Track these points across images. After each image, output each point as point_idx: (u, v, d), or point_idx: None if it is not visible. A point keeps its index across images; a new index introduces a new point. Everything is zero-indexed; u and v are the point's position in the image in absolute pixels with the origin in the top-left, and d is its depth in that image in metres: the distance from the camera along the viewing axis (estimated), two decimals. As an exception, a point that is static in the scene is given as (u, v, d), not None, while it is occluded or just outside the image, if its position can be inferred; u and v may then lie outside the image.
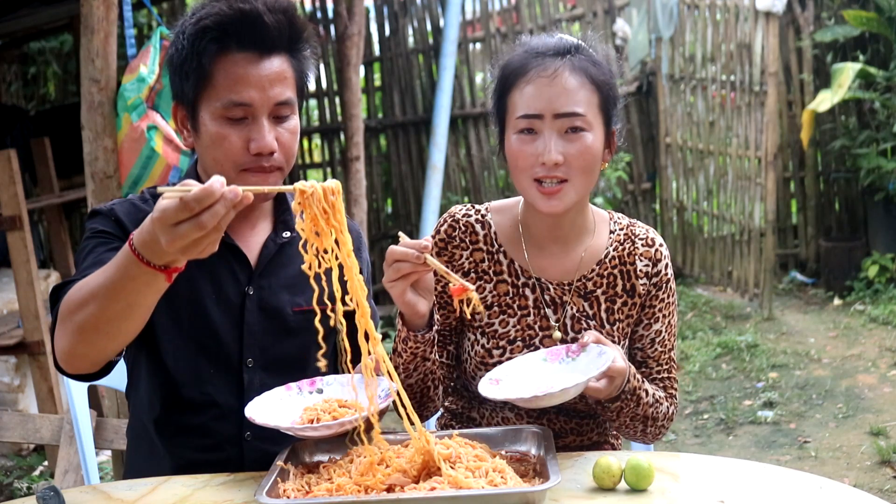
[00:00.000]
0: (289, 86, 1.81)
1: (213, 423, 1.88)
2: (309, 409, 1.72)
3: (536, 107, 1.79)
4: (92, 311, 1.51)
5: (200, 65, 1.76)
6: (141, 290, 1.47)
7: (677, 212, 7.18)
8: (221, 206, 1.34)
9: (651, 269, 1.92)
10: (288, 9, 1.81)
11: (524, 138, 1.80)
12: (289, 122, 1.83)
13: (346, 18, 5.65)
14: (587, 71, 1.81)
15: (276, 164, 1.81)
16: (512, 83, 1.84)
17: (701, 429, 4.46)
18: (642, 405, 1.81)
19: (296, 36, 1.82)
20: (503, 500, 1.46)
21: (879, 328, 5.65)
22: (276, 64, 1.80)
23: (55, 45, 7.47)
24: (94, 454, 2.25)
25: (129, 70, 3.27)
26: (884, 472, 3.80)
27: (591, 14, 7.18)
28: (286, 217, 1.94)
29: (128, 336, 1.59)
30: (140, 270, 1.43)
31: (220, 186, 1.33)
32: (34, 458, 4.35)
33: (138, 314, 1.54)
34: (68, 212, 6.41)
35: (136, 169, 3.24)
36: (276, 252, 1.92)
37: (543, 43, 1.85)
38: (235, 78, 1.77)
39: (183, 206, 1.32)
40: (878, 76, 6.20)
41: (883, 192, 6.27)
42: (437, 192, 6.64)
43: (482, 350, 1.88)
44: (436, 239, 1.93)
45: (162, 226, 1.35)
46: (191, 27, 1.79)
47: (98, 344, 1.58)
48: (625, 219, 1.98)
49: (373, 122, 7.12)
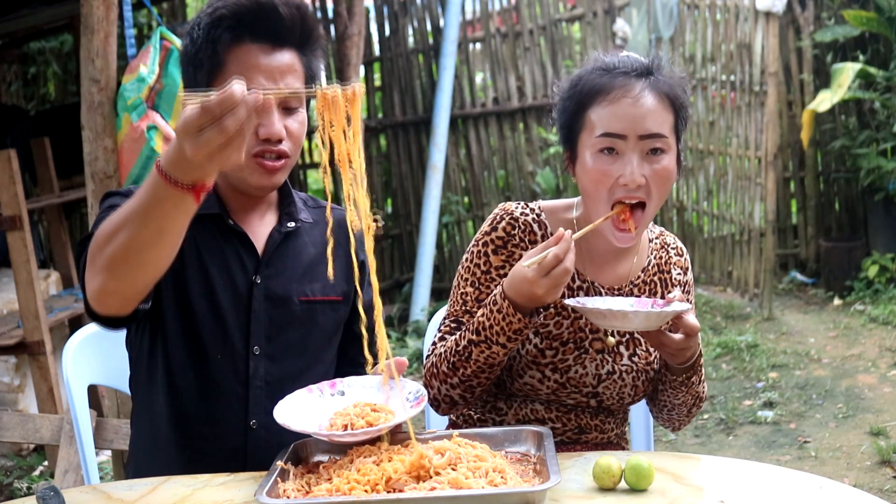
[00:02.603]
0: (298, 79, 1.85)
1: (218, 411, 1.89)
2: (340, 413, 1.69)
3: (620, 127, 1.79)
4: (122, 240, 1.51)
5: (215, 52, 1.81)
6: (170, 214, 1.47)
7: (677, 212, 7.19)
8: (243, 110, 1.34)
9: (683, 278, 2.02)
10: (301, 5, 1.86)
11: (605, 157, 1.80)
12: (298, 114, 1.87)
13: (346, 18, 5.65)
14: (667, 92, 1.83)
15: (285, 152, 1.84)
16: (592, 100, 1.83)
17: (701, 429, 4.46)
18: (700, 382, 1.91)
19: (307, 32, 1.86)
20: (503, 500, 1.46)
21: (879, 328, 5.65)
22: (287, 57, 1.84)
23: (55, 45, 7.48)
24: (94, 454, 2.25)
25: (129, 70, 3.27)
26: (884, 472, 3.80)
27: (591, 14, 7.18)
28: (291, 209, 1.98)
29: (158, 267, 1.58)
30: (169, 192, 1.44)
31: (240, 89, 1.34)
32: (34, 458, 4.35)
33: (168, 241, 1.53)
34: (68, 212, 6.41)
35: (136, 169, 3.24)
36: (282, 242, 1.95)
37: (625, 61, 1.86)
38: (248, 66, 1.80)
39: (205, 112, 1.34)
40: (878, 76, 6.20)
41: (883, 192, 6.27)
42: (437, 192, 6.64)
43: (534, 350, 1.90)
44: (493, 236, 1.93)
45: (186, 133, 1.36)
46: (206, 17, 1.84)
47: (129, 277, 1.57)
48: (656, 227, 2.04)
49: (373, 122, 7.12)
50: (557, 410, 1.94)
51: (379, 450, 1.62)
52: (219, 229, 1.90)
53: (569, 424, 1.95)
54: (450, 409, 1.93)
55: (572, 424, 1.95)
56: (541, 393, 1.92)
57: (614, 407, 1.96)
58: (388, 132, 7.22)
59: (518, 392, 1.95)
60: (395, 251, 7.25)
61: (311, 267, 1.97)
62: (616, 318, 1.72)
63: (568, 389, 1.91)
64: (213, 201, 1.90)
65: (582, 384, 1.89)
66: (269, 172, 1.85)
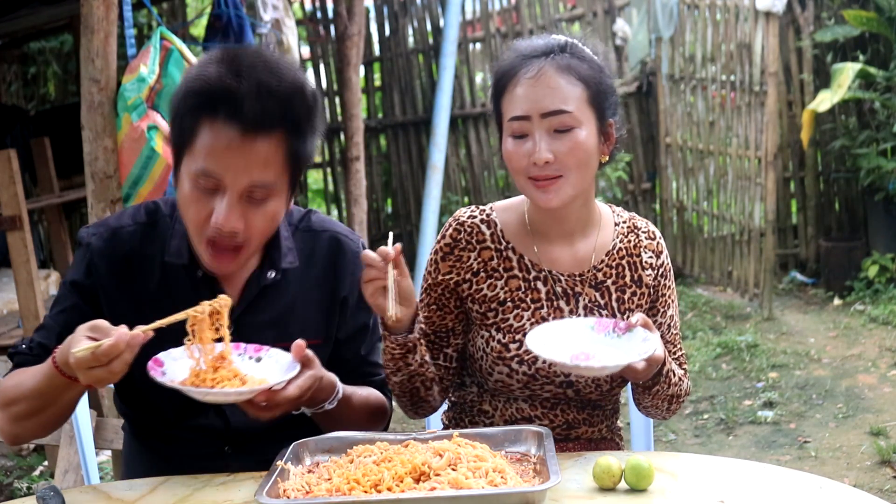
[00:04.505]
0: (272, 168, 1.70)
1: (195, 439, 1.90)
2: (200, 372, 1.67)
3: (523, 108, 1.82)
4: (24, 407, 1.75)
5: (185, 123, 1.70)
6: (65, 393, 1.71)
7: (677, 212, 7.19)
8: (129, 354, 1.56)
9: (655, 261, 1.99)
10: (287, 91, 1.69)
11: (516, 141, 1.84)
12: (265, 206, 1.72)
13: (346, 18, 5.65)
14: (572, 67, 1.83)
15: (239, 243, 1.73)
16: (503, 87, 1.87)
17: (701, 429, 4.46)
18: (671, 386, 1.89)
19: (295, 118, 1.71)
20: (503, 500, 1.46)
21: (879, 328, 5.65)
22: (261, 145, 1.67)
23: (55, 45, 7.48)
24: (94, 454, 2.25)
25: (129, 70, 3.27)
26: (884, 472, 3.80)
27: (591, 14, 7.18)
28: (273, 254, 1.87)
29: (62, 419, 1.82)
30: (61, 380, 1.67)
31: (124, 339, 1.54)
32: (34, 458, 4.35)
33: (67, 404, 1.77)
34: (68, 212, 6.41)
35: (136, 169, 3.23)
36: (259, 293, 1.87)
37: (531, 44, 1.88)
38: (211, 149, 1.67)
39: (95, 358, 1.54)
40: (878, 76, 6.20)
41: (883, 192, 6.27)
42: (437, 192, 6.64)
43: (498, 345, 1.90)
44: (441, 244, 1.95)
45: (79, 369, 1.57)
46: (186, 80, 1.72)
47: (35, 430, 1.81)
48: (625, 212, 2.04)
49: (373, 122, 7.12)
50: (542, 407, 1.94)
51: (379, 450, 1.62)
52: (191, 279, 1.83)
53: (556, 420, 1.94)
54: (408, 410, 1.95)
55: (560, 420, 1.94)
56: (514, 388, 1.92)
57: (594, 396, 1.94)
58: (388, 132, 7.22)
59: (496, 391, 1.95)
60: (395, 251, 7.24)
61: (291, 309, 1.89)
62: (581, 370, 1.73)
63: (540, 381, 1.90)
64: (184, 250, 1.83)
65: (553, 374, 1.88)
66: (222, 261, 1.75)
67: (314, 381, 1.71)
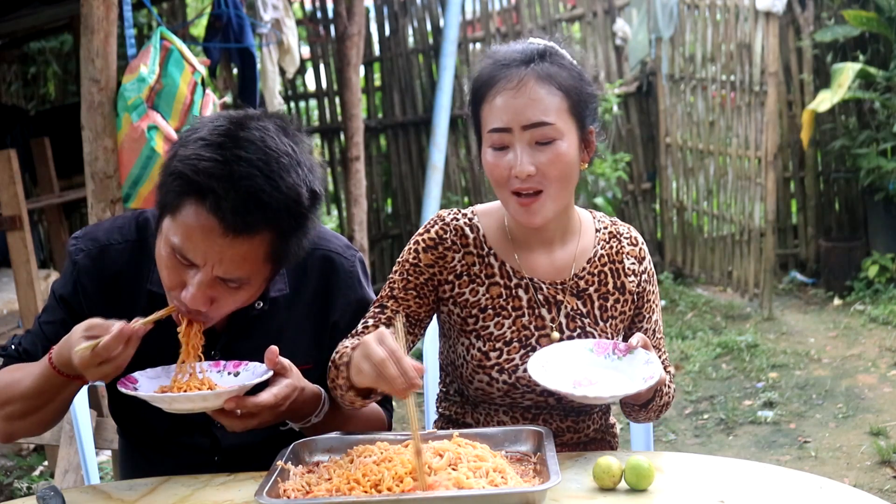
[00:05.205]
0: (248, 265, 1.64)
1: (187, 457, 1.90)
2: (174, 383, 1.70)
3: (504, 120, 1.77)
4: (18, 408, 1.76)
5: (171, 191, 1.63)
6: (60, 392, 1.74)
7: (677, 212, 7.19)
8: (132, 348, 1.60)
9: (638, 268, 1.97)
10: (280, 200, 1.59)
11: (497, 152, 1.80)
12: (237, 293, 1.68)
13: (346, 18, 5.65)
14: (553, 76, 1.79)
15: (206, 320, 1.72)
16: (482, 96, 1.82)
17: (701, 429, 4.46)
18: (664, 396, 1.89)
19: (283, 225, 1.63)
20: (503, 500, 1.46)
21: (879, 328, 5.65)
22: (242, 245, 1.61)
23: (55, 45, 7.48)
24: (94, 454, 2.25)
25: (129, 70, 3.27)
26: (884, 472, 3.80)
27: (591, 14, 7.18)
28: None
29: (57, 417, 1.82)
30: (60, 380, 1.69)
31: (126, 333, 1.58)
32: (34, 458, 4.35)
33: (64, 403, 1.79)
34: (68, 212, 6.41)
35: (136, 169, 3.24)
36: (245, 323, 1.84)
37: (510, 51, 1.83)
38: (191, 232, 1.60)
39: (97, 355, 1.57)
40: (878, 76, 6.20)
41: (883, 192, 6.27)
42: (437, 192, 6.64)
43: (479, 353, 1.88)
44: (425, 237, 1.91)
45: (83, 368, 1.60)
46: (180, 154, 1.63)
47: (30, 428, 1.82)
48: (606, 218, 2.01)
49: (373, 122, 7.12)
50: (522, 417, 1.91)
51: (379, 450, 1.62)
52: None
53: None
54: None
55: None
56: (494, 397, 1.88)
57: (576, 405, 1.89)
58: (388, 132, 7.22)
59: (477, 399, 1.92)
60: (395, 251, 7.25)
61: (279, 335, 1.84)
62: (589, 400, 1.71)
63: (520, 390, 1.87)
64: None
65: (534, 383, 1.78)
66: (195, 319, 1.72)
67: (292, 390, 1.68)
